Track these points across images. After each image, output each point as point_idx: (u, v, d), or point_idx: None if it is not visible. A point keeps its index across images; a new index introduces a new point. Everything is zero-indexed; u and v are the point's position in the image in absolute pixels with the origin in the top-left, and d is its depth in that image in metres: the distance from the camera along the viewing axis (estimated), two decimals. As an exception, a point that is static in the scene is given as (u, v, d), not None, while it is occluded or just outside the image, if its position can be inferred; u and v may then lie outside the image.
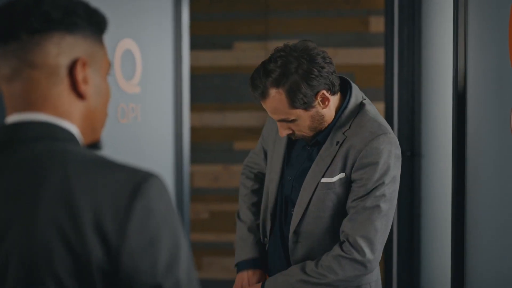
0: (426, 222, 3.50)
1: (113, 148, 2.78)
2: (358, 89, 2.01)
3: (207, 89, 4.79)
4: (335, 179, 1.93)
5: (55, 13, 1.05)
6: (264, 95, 1.87)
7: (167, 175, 3.51)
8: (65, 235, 0.97)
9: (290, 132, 1.95)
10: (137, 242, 0.98)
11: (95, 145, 1.14)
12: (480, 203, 2.26)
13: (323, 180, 1.94)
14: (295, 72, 1.84)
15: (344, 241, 1.91)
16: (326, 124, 1.97)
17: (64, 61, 1.06)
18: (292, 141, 2.08)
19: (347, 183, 1.93)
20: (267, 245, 2.15)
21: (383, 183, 1.88)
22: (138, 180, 1.00)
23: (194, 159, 4.67)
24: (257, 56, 4.72)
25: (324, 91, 1.89)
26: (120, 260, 0.98)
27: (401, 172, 1.98)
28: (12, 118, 1.06)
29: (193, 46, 4.52)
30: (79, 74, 1.07)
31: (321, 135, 1.98)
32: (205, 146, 4.81)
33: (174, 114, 3.56)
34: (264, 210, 2.14)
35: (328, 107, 1.93)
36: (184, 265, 1.02)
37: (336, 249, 1.91)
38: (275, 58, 1.86)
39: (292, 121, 1.91)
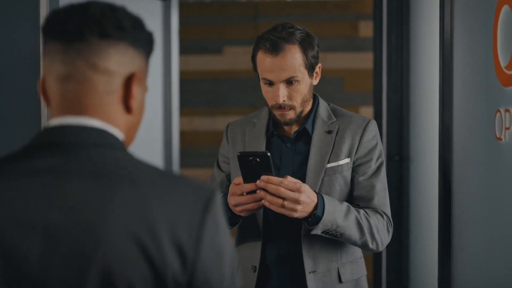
0: (415, 224, 3.52)
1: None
2: None
3: (197, 93, 4.80)
4: (341, 162, 1.99)
5: (127, 23, 1.06)
6: (278, 49, 1.91)
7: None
8: (143, 245, 0.98)
9: (286, 99, 1.95)
10: (209, 256, 1.01)
11: None
12: (465, 206, 2.28)
13: (329, 165, 1.98)
14: (306, 36, 1.96)
15: (380, 211, 1.98)
16: (307, 109, 2.02)
17: (122, 72, 1.07)
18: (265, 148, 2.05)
19: (351, 168, 2.01)
20: (256, 270, 2.01)
21: (383, 161, 2.03)
22: (208, 195, 1.03)
23: (184, 163, 4.68)
24: (247, 60, 4.72)
25: (319, 66, 2.01)
26: (194, 274, 1.00)
27: (390, 176, 2.06)
28: (64, 120, 1.05)
29: (183, 50, 4.53)
30: (134, 88, 1.08)
31: (307, 123, 2.02)
32: (195, 150, 4.82)
33: (163, 118, 3.57)
34: (251, 231, 2.04)
35: (312, 88, 2.01)
36: (239, 275, 1.07)
37: (380, 215, 1.97)
38: (282, 25, 1.95)
39: (295, 83, 1.94)
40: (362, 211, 1.94)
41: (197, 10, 4.78)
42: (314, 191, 1.88)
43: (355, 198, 2.01)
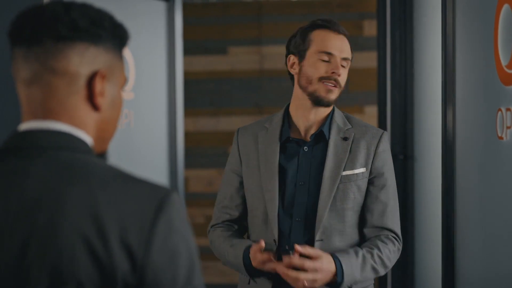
0: (419, 223, 3.52)
1: (107, 154, 2.80)
2: None
3: (201, 94, 4.81)
4: (357, 171, 2.00)
5: (83, 23, 1.06)
6: (340, 30, 2.03)
7: (161, 180, 3.52)
8: (91, 245, 0.98)
9: (340, 74, 2.01)
10: (160, 257, 1.00)
11: (101, 156, 1.15)
12: (468, 204, 2.28)
13: (344, 173, 1.99)
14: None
15: (390, 236, 2.00)
16: (327, 110, 2.06)
17: (84, 71, 1.06)
18: (282, 152, 2.04)
19: (367, 178, 2.02)
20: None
21: (393, 173, 2.05)
22: (161, 196, 1.02)
23: (188, 164, 4.69)
24: (251, 60, 4.74)
25: None
26: (144, 275, 1.00)
27: (395, 175, 2.10)
28: (30, 124, 1.06)
29: (187, 51, 4.54)
30: (97, 86, 1.07)
31: (324, 126, 2.03)
32: (199, 150, 4.83)
33: (168, 119, 3.58)
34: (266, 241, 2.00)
35: None
36: (198, 274, 1.05)
37: (391, 241, 2.00)
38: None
39: (346, 66, 2.02)
40: (375, 253, 1.95)
41: (200, 10, 4.79)
42: (331, 255, 1.89)
43: (368, 211, 2.01)
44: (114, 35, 1.10)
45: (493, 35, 2.01)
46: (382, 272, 1.97)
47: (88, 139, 1.08)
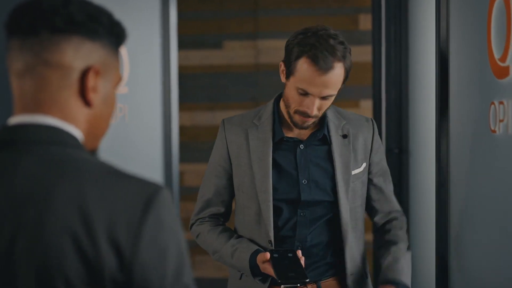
0: (413, 216, 3.53)
1: (101, 149, 2.80)
2: None
3: (197, 88, 4.81)
4: (362, 168, 2.06)
5: (80, 17, 1.05)
6: (327, 67, 1.85)
7: (156, 175, 3.52)
8: (79, 241, 0.98)
9: (317, 112, 1.93)
10: (149, 254, 1.00)
11: (92, 152, 1.14)
12: (462, 198, 2.29)
13: (353, 172, 2.03)
14: (347, 50, 1.91)
15: (397, 215, 2.13)
16: None
17: (78, 66, 1.06)
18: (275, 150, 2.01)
19: (367, 170, 2.08)
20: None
21: (384, 156, 2.14)
22: (150, 193, 1.01)
23: (185, 158, 4.69)
24: (247, 55, 4.74)
25: None
26: (132, 271, 0.99)
27: (390, 169, 2.19)
28: (19, 118, 1.06)
29: (183, 45, 4.54)
30: (90, 81, 1.07)
31: (321, 126, 2.01)
32: (196, 145, 4.83)
33: (162, 113, 3.57)
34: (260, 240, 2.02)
35: None
36: (188, 270, 1.04)
37: (399, 220, 2.13)
38: (333, 35, 1.89)
39: (329, 99, 1.92)
40: (402, 246, 2.09)
41: (196, 4, 4.79)
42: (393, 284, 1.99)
43: (375, 201, 2.12)
44: (111, 32, 1.10)
45: (486, 28, 2.01)
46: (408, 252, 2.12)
47: (78, 134, 1.08)
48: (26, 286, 0.98)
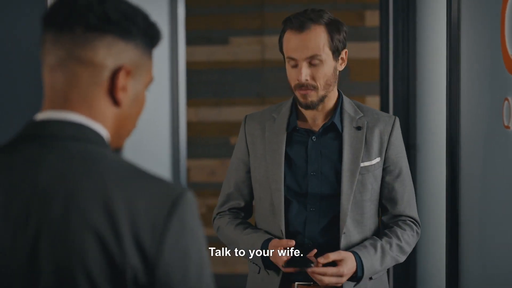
0: (423, 214, 3.52)
1: (122, 150, 2.79)
2: None
3: (203, 84, 4.81)
4: (374, 161, 2.01)
5: (114, 15, 1.06)
6: (303, 27, 1.92)
7: (164, 170, 3.52)
8: (103, 239, 0.98)
9: (308, 78, 1.93)
10: (172, 256, 1.00)
11: (116, 151, 1.14)
12: (473, 194, 2.28)
13: (363, 164, 1.99)
14: (334, 20, 1.97)
15: (408, 221, 2.05)
16: (331, 98, 2.01)
17: (109, 64, 1.06)
18: (288, 143, 2.03)
19: (382, 167, 2.04)
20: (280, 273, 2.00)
21: (406, 159, 2.08)
22: (175, 195, 1.02)
23: (190, 154, 4.69)
24: (253, 50, 4.73)
25: (346, 52, 1.99)
26: (155, 273, 1.00)
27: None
28: (47, 114, 1.06)
29: (189, 41, 4.53)
30: (121, 81, 1.07)
31: (335, 118, 2.01)
32: (201, 140, 4.82)
33: (170, 109, 3.57)
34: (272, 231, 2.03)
35: (337, 73, 2.00)
36: (208, 272, 1.05)
37: (409, 226, 2.05)
38: (312, 9, 1.98)
39: (319, 63, 1.92)
40: (394, 242, 1.99)
41: (203, 0, 4.78)
42: (352, 253, 1.91)
43: (386, 200, 2.05)
44: (145, 33, 1.10)
45: (500, 23, 2.00)
46: (402, 259, 2.01)
47: (104, 132, 1.08)
48: (49, 281, 0.99)
